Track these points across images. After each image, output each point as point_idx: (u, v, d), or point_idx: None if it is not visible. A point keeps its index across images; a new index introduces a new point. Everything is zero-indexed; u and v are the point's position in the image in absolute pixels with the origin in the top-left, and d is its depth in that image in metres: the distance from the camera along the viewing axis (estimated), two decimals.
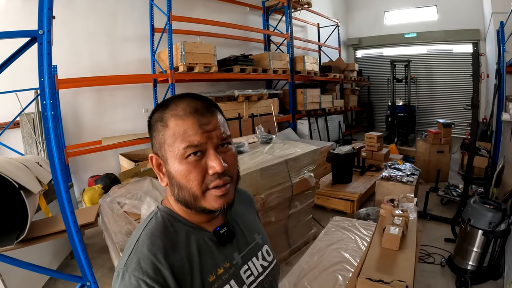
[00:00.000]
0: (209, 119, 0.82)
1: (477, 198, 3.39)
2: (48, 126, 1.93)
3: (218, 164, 0.78)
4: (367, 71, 13.78)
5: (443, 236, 4.16)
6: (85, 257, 2.02)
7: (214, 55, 6.49)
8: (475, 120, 4.14)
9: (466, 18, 10.86)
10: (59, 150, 1.96)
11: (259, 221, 1.15)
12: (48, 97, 1.91)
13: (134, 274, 0.73)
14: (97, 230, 4.07)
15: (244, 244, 0.97)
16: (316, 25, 12.08)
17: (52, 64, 1.91)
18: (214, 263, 0.86)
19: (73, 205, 1.95)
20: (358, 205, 4.96)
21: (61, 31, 5.41)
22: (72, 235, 1.96)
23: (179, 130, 0.79)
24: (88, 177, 5.75)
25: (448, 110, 11.88)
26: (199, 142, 0.78)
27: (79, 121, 5.90)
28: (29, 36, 1.86)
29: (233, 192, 0.86)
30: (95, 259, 3.69)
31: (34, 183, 2.36)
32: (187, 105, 0.82)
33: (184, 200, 0.82)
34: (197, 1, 7.74)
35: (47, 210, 2.76)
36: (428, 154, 6.50)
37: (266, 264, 1.00)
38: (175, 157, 0.79)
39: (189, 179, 0.79)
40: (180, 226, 0.86)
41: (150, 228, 0.84)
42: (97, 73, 5.71)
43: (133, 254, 0.78)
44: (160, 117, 0.83)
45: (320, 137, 9.37)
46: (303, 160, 3.78)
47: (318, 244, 3.18)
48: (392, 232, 2.43)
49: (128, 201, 2.83)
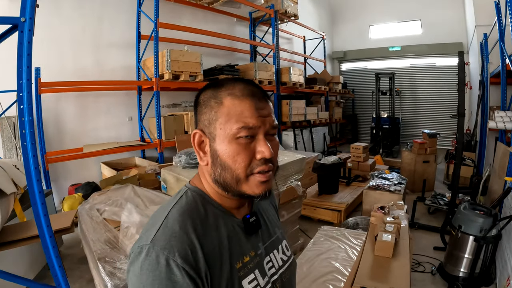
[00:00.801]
0: (264, 105, 0.81)
1: (466, 204, 3.37)
2: (25, 132, 1.80)
3: (267, 150, 0.77)
4: (352, 84, 13.94)
5: (432, 244, 4.13)
6: (59, 265, 1.88)
7: (200, 64, 6.46)
8: (461, 128, 4.17)
9: (449, 32, 11.17)
10: (36, 159, 1.83)
11: (278, 217, 1.14)
12: (26, 102, 1.79)
13: (163, 253, 0.68)
14: (76, 240, 3.92)
15: (267, 235, 0.96)
16: (302, 37, 12.22)
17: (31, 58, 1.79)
18: (241, 250, 0.84)
19: (46, 208, 1.81)
20: (345, 215, 4.90)
21: (45, 34, 5.30)
22: (45, 240, 1.82)
23: (235, 110, 0.77)
24: (68, 185, 5.56)
25: (432, 122, 12.08)
26: (254, 125, 0.77)
27: (61, 127, 5.73)
28: (10, 23, 1.75)
29: (272, 181, 0.84)
30: (73, 270, 3.51)
31: (8, 184, 2.21)
32: (245, 87, 0.81)
33: (225, 181, 0.80)
34: (184, 10, 7.71)
35: (22, 215, 2.60)
36: (414, 164, 6.53)
37: (285, 258, 0.99)
38: (225, 136, 0.77)
39: (236, 160, 0.77)
40: (210, 208, 0.84)
41: (181, 206, 0.80)
42: (81, 78, 5.62)
43: (162, 231, 0.73)
44: (214, 95, 0.81)
45: (305, 149, 9.35)
46: (290, 168, 3.70)
47: (307, 254, 3.08)
48: (385, 239, 2.37)
49: (108, 208, 2.68)
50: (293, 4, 9.67)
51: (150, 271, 0.68)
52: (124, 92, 6.57)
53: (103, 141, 6.08)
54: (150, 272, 0.67)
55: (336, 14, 14.39)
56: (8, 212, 2.23)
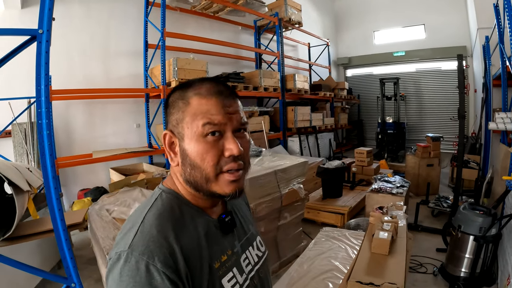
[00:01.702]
0: (231, 102, 0.82)
1: (466, 205, 3.42)
2: (43, 133, 1.94)
3: (236, 147, 0.78)
4: (357, 89, 13.98)
5: (435, 246, 4.16)
6: (71, 257, 2.00)
7: (206, 71, 6.56)
8: (462, 130, 4.22)
9: (453, 35, 11.19)
10: (52, 158, 1.97)
11: (250, 214, 1.15)
12: (44, 105, 1.92)
13: (142, 258, 0.68)
14: (85, 242, 4.05)
15: (242, 233, 0.97)
16: (307, 44, 12.32)
17: (49, 66, 1.93)
18: (219, 249, 0.84)
19: (61, 203, 1.94)
20: (349, 218, 4.94)
21: (55, 43, 5.45)
22: (59, 233, 1.94)
23: (201, 109, 0.78)
24: (78, 190, 5.69)
25: (437, 126, 12.04)
26: (219, 121, 0.78)
27: (71, 133, 5.89)
28: (29, 34, 1.90)
29: (244, 180, 0.85)
30: (83, 270, 3.62)
31: (23, 182, 2.34)
32: (211, 87, 0.82)
33: (195, 181, 0.80)
34: (190, 19, 7.87)
35: (35, 214, 2.73)
36: (418, 168, 6.56)
37: (260, 254, 1.01)
38: (193, 135, 0.78)
39: (204, 158, 0.77)
40: (186, 209, 0.83)
41: (156, 209, 0.80)
42: (90, 86, 5.76)
43: (139, 235, 0.72)
44: (182, 96, 0.82)
45: (311, 155, 9.40)
46: (292, 171, 3.80)
47: (307, 254, 3.16)
48: (381, 236, 2.43)
49: (117, 208, 2.80)
50: (297, 12, 9.79)
51: (131, 277, 0.67)
52: (132, 100, 6.72)
53: (111, 148, 6.22)
54: (130, 278, 0.67)
55: (340, 21, 14.51)
56: (24, 207, 2.36)
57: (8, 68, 3.79)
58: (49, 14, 1.88)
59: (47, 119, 1.89)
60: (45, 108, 1.88)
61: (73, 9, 5.89)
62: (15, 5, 5.03)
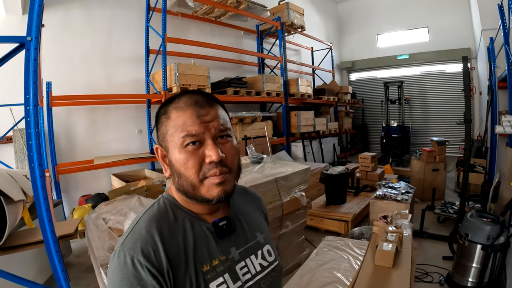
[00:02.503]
0: (207, 111, 0.85)
1: (473, 212, 3.32)
2: (32, 143, 1.89)
3: (215, 153, 0.81)
4: (361, 93, 13.90)
5: (441, 254, 4.06)
6: (62, 270, 1.94)
7: (207, 77, 6.53)
8: (468, 134, 4.14)
9: (457, 37, 11.08)
10: (41, 168, 1.92)
11: (266, 222, 1.15)
12: (32, 115, 1.88)
13: (129, 253, 0.76)
14: (84, 249, 3.99)
15: (243, 240, 0.97)
16: (310, 48, 12.27)
17: (37, 74, 1.88)
18: (209, 253, 0.86)
19: (51, 214, 1.89)
20: (353, 226, 4.86)
21: (57, 49, 5.51)
22: (49, 245, 1.89)
23: (179, 121, 0.83)
24: (79, 196, 5.65)
25: (442, 129, 11.89)
26: (196, 132, 0.82)
27: (72, 139, 5.86)
28: (17, 42, 1.87)
29: (233, 184, 0.88)
30: (81, 279, 3.58)
31: (16, 191, 2.29)
32: (188, 98, 0.87)
33: (183, 188, 0.85)
34: (191, 24, 7.85)
35: (30, 222, 2.68)
36: (423, 172, 6.47)
37: (266, 264, 0.99)
38: (175, 146, 0.83)
39: (187, 166, 0.82)
40: (180, 214, 0.89)
41: (150, 212, 0.87)
42: (92, 92, 5.75)
43: (130, 235, 0.81)
44: (164, 110, 0.88)
45: (315, 160, 9.33)
46: (294, 179, 3.72)
47: (309, 264, 3.08)
48: (385, 248, 2.36)
49: (113, 217, 2.75)
50: (299, 16, 9.74)
51: (119, 270, 0.75)
52: (134, 106, 6.70)
53: (113, 154, 6.19)
54: (119, 271, 0.75)
55: (343, 25, 14.45)
56: (16, 218, 2.31)
57: (9, 74, 3.81)
58: (37, 21, 1.84)
59: (36, 128, 1.84)
60: (34, 117, 1.83)
61: (74, 15, 5.89)
62: (16, 11, 5.02)
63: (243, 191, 1.16)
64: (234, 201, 1.02)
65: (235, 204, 1.02)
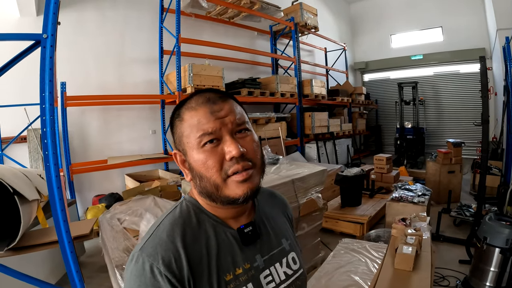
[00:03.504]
0: (221, 106, 0.81)
1: (492, 215, 3.23)
2: (47, 142, 1.88)
3: (235, 148, 0.76)
4: (375, 94, 13.80)
5: (458, 258, 3.95)
6: (77, 270, 1.92)
7: (222, 77, 6.53)
8: (486, 136, 4.03)
9: (471, 37, 10.94)
10: (57, 168, 1.91)
11: (291, 228, 1.10)
12: (48, 113, 1.86)
13: (148, 260, 0.72)
14: (97, 249, 4.00)
15: (268, 247, 0.92)
16: (323, 49, 12.21)
17: (53, 72, 1.88)
18: (233, 261, 0.82)
19: (66, 214, 1.87)
20: (368, 228, 4.79)
21: (71, 50, 5.56)
22: (64, 245, 1.88)
23: (193, 121, 0.79)
24: (93, 196, 5.69)
25: (457, 131, 11.73)
26: (212, 129, 0.78)
27: (86, 139, 5.91)
28: (33, 39, 1.86)
29: (258, 179, 0.83)
30: (94, 278, 3.58)
31: (31, 191, 2.29)
32: (199, 97, 0.83)
33: (207, 191, 0.80)
34: (205, 25, 7.86)
35: (45, 222, 2.68)
36: (439, 174, 6.34)
37: (290, 272, 0.94)
38: (192, 148, 0.79)
39: (207, 166, 0.77)
40: (204, 218, 0.84)
41: (173, 215, 0.83)
42: (105, 93, 5.81)
43: (151, 239, 0.77)
44: (177, 114, 0.84)
45: (329, 161, 9.26)
46: (310, 180, 3.66)
47: (325, 267, 3.02)
48: (405, 251, 2.30)
49: (128, 217, 2.74)
50: (312, 16, 9.70)
51: (137, 276, 0.72)
52: (148, 106, 6.72)
53: (126, 154, 6.22)
54: (136, 278, 0.72)
55: (356, 25, 14.37)
56: (30, 218, 2.31)
57: (23, 73, 3.84)
58: (53, 19, 1.83)
59: (51, 127, 1.82)
60: (50, 115, 1.82)
61: (88, 16, 5.95)
62: (30, 12, 5.08)
63: (271, 194, 1.12)
64: (259, 204, 0.98)
65: (260, 208, 0.97)
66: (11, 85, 4.81)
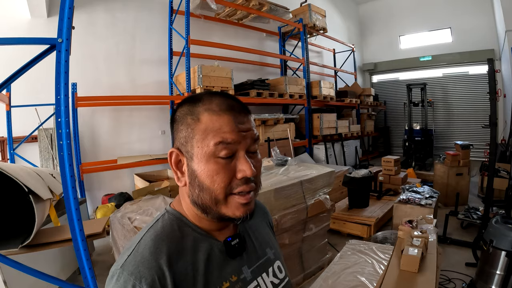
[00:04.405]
0: (244, 119, 0.77)
1: (498, 218, 3.23)
2: (62, 143, 1.93)
3: (249, 168, 0.73)
4: (383, 95, 13.74)
5: (464, 260, 3.96)
6: (90, 267, 1.98)
7: (231, 78, 6.58)
8: (494, 138, 4.02)
9: (480, 38, 10.87)
10: (71, 168, 1.96)
11: (273, 236, 1.07)
12: (63, 115, 1.91)
13: (130, 278, 0.67)
14: (107, 248, 4.06)
15: (254, 258, 0.89)
16: (332, 50, 12.20)
17: (68, 75, 1.93)
18: (220, 275, 0.78)
19: (80, 213, 1.93)
20: (375, 230, 4.80)
21: (81, 51, 5.65)
22: (77, 243, 1.93)
23: (213, 126, 0.73)
24: (102, 195, 5.77)
25: (466, 133, 11.66)
26: (233, 140, 0.72)
27: (96, 139, 6.00)
28: (48, 43, 1.90)
29: (254, 201, 0.80)
30: (103, 276, 3.61)
31: (44, 190, 2.36)
32: (223, 102, 0.76)
33: (203, 203, 0.75)
34: (215, 26, 7.91)
35: (57, 221, 2.75)
36: (447, 177, 6.31)
37: (277, 281, 0.92)
38: (203, 154, 0.73)
39: (214, 180, 0.72)
40: (188, 232, 0.79)
41: (155, 230, 0.77)
42: (115, 93, 5.90)
43: (132, 256, 0.71)
44: (191, 111, 0.76)
45: (337, 162, 9.25)
46: (319, 182, 3.69)
47: (333, 268, 3.05)
48: (411, 253, 2.32)
49: (138, 216, 2.79)
50: (321, 18, 9.71)
51: None
52: (158, 107, 6.79)
53: (136, 154, 6.30)
54: None
55: (364, 26, 14.33)
56: (43, 216, 2.36)
57: (34, 74, 3.91)
58: (68, 23, 1.88)
59: (67, 128, 1.88)
60: (65, 117, 1.87)
61: (98, 17, 6.04)
62: (41, 14, 5.17)
63: None
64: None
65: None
66: (23, 86, 4.90)
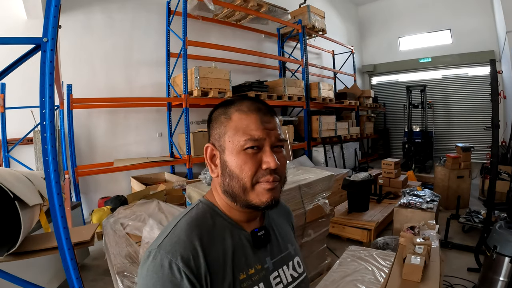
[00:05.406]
0: (270, 119, 0.88)
1: (502, 223, 3.15)
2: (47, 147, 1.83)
3: (273, 161, 0.82)
4: (383, 97, 13.67)
5: (466, 265, 3.87)
6: (77, 277, 1.89)
7: (228, 80, 6.51)
8: (496, 140, 3.93)
9: (480, 40, 10.83)
10: (57, 174, 1.87)
11: (294, 235, 1.16)
12: (48, 118, 1.82)
13: (167, 256, 0.75)
14: (102, 251, 3.97)
15: (277, 251, 0.98)
16: (331, 52, 12.14)
17: (53, 77, 1.84)
18: (246, 262, 0.87)
19: (66, 221, 1.84)
20: (376, 234, 4.72)
21: (78, 52, 5.58)
22: (64, 252, 1.85)
23: (242, 123, 0.85)
24: (98, 198, 5.70)
25: (466, 135, 11.61)
26: (259, 137, 0.83)
27: (92, 142, 5.94)
28: (33, 43, 1.83)
29: (280, 192, 0.88)
30: (98, 281, 3.56)
31: (32, 195, 2.27)
32: (251, 104, 0.89)
33: (233, 191, 0.85)
34: (212, 27, 7.86)
35: (47, 226, 2.66)
36: (448, 179, 6.23)
37: (296, 275, 1.00)
38: (233, 148, 0.84)
39: (243, 169, 0.82)
40: (219, 221, 0.89)
41: (190, 216, 0.87)
42: (112, 95, 5.82)
43: (169, 237, 0.80)
44: (224, 111, 0.89)
45: (336, 165, 9.18)
46: (317, 186, 3.60)
47: (332, 276, 2.96)
48: (414, 262, 2.24)
49: (131, 222, 2.71)
50: (320, 19, 9.63)
51: (154, 272, 0.74)
52: (155, 109, 6.73)
53: (133, 156, 6.24)
54: (154, 274, 0.74)
55: (364, 28, 14.29)
56: (32, 222, 2.28)
57: (28, 75, 3.84)
58: (54, 22, 1.80)
59: (51, 132, 1.79)
60: (50, 120, 1.79)
61: (95, 18, 5.98)
62: (37, 15, 5.10)
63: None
64: (268, 211, 1.03)
65: (269, 215, 1.03)
66: (17, 87, 4.83)
